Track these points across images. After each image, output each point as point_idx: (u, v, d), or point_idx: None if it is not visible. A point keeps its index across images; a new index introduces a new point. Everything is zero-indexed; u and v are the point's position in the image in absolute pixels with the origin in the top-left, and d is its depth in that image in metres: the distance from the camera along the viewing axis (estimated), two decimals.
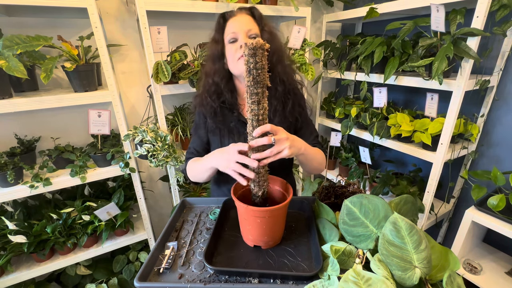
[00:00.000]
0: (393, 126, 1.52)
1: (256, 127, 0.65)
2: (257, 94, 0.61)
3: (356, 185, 0.92)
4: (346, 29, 2.23)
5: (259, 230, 0.67)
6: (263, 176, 0.70)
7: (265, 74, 0.60)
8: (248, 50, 0.58)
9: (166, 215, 2.06)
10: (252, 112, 0.64)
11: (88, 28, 1.45)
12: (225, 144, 0.97)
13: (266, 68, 0.60)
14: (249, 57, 0.58)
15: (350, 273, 0.50)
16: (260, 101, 0.62)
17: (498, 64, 1.33)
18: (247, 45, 0.57)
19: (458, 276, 0.51)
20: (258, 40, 0.57)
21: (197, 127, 1.03)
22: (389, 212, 0.57)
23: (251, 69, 0.59)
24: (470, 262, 1.35)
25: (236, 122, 0.96)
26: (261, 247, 0.70)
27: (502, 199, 1.18)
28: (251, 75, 0.59)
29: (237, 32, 0.87)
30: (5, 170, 1.19)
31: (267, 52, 0.60)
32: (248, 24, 0.89)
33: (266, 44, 0.59)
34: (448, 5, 1.22)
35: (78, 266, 1.54)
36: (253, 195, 0.74)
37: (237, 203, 0.67)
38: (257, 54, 0.57)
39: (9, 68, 1.00)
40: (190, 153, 1.04)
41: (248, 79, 0.60)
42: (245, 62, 0.59)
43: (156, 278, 0.62)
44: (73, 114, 1.54)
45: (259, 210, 0.64)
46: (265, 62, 0.59)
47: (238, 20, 0.89)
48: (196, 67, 1.38)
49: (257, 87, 0.61)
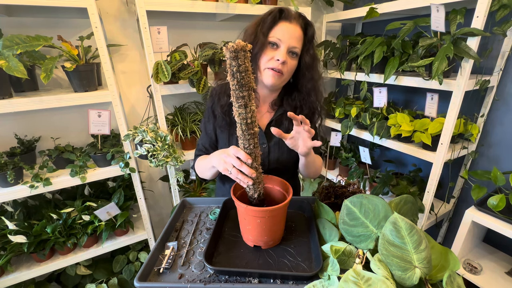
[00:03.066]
0: (393, 126, 1.52)
1: (245, 130, 0.64)
2: (243, 97, 0.59)
3: (356, 185, 0.92)
4: (346, 29, 2.23)
5: (259, 230, 0.67)
6: (257, 178, 0.69)
7: (250, 76, 0.58)
8: (229, 53, 0.55)
9: (166, 215, 2.06)
10: (240, 116, 0.62)
11: (88, 28, 1.45)
12: (232, 143, 0.97)
13: (250, 70, 0.58)
14: (231, 60, 0.55)
15: (350, 273, 0.50)
16: (247, 104, 0.60)
17: (498, 64, 1.33)
18: (228, 48, 0.55)
19: (458, 276, 0.51)
20: (238, 41, 0.55)
21: (205, 122, 1.02)
22: (389, 212, 0.57)
23: (235, 72, 0.56)
24: (470, 262, 1.35)
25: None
26: (261, 247, 0.70)
27: (502, 199, 1.18)
28: (235, 78, 0.57)
29: (282, 41, 0.82)
30: (5, 170, 1.19)
31: (250, 54, 0.57)
32: (297, 40, 0.84)
33: (248, 45, 0.56)
34: (448, 5, 1.22)
35: (78, 266, 1.54)
36: (249, 197, 0.74)
37: (236, 203, 0.67)
38: (239, 56, 0.55)
39: (9, 68, 1.00)
40: (199, 150, 1.04)
41: (232, 83, 0.58)
42: (228, 65, 0.57)
43: (156, 278, 0.62)
44: (73, 114, 1.54)
45: (258, 210, 0.64)
46: (248, 64, 0.57)
47: (290, 29, 0.83)
48: (196, 67, 1.38)
49: (243, 90, 0.59)
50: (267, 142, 0.96)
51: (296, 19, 0.84)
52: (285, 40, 0.82)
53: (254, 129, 0.65)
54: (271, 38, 0.83)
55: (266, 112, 0.99)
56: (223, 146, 0.98)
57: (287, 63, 0.84)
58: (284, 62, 0.83)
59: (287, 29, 0.82)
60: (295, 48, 0.84)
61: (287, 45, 0.82)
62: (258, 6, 1.50)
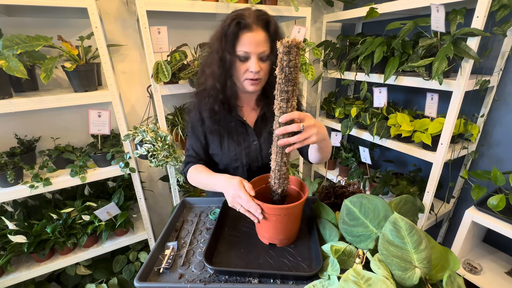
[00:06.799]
0: (393, 126, 1.52)
1: (282, 124, 0.65)
2: (287, 92, 0.62)
3: (356, 185, 0.92)
4: (346, 29, 2.23)
5: (275, 228, 0.67)
6: (284, 174, 0.70)
7: (297, 72, 0.61)
8: (282, 48, 0.58)
9: (166, 215, 2.06)
10: (280, 109, 0.64)
11: (88, 28, 1.45)
12: (224, 146, 0.96)
13: (299, 67, 0.61)
14: (283, 55, 0.58)
15: (350, 273, 0.50)
16: (289, 99, 0.62)
17: (498, 64, 1.33)
18: (282, 43, 0.58)
19: (458, 276, 0.51)
20: (293, 38, 0.58)
21: (193, 126, 0.99)
22: (389, 212, 0.57)
23: (284, 67, 0.59)
24: (470, 262, 1.35)
25: (235, 121, 0.96)
26: (276, 245, 0.71)
27: (502, 199, 1.18)
28: (283, 72, 0.60)
29: (250, 52, 0.82)
30: (5, 170, 1.18)
31: (300, 51, 0.60)
32: (263, 45, 0.82)
33: (301, 43, 0.59)
34: (448, 5, 1.22)
35: (78, 266, 1.54)
36: (273, 191, 0.74)
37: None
38: (292, 52, 0.58)
39: (9, 68, 1.00)
40: (189, 155, 1.00)
41: (280, 77, 0.61)
42: (279, 59, 0.60)
43: (156, 278, 0.62)
44: (73, 114, 1.54)
45: (274, 208, 0.65)
46: (298, 61, 0.59)
47: (253, 38, 0.81)
48: (196, 67, 1.38)
49: (288, 85, 0.61)
50: (257, 139, 0.97)
51: (256, 23, 0.81)
52: (252, 50, 0.82)
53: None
54: (239, 52, 0.82)
55: (252, 110, 1.00)
56: (215, 149, 0.98)
57: (262, 68, 0.85)
58: (259, 70, 0.84)
59: (250, 39, 0.81)
60: (264, 52, 0.83)
61: (256, 54, 0.82)
62: (258, 6, 1.49)
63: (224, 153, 0.97)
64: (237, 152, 0.97)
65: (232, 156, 0.97)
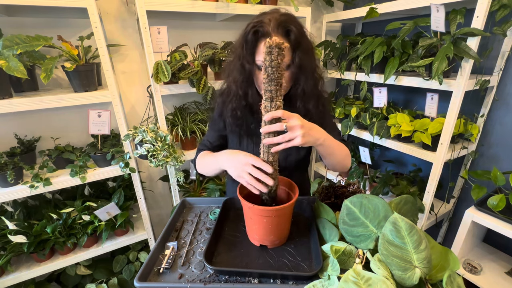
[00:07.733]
0: (393, 126, 1.52)
1: (267, 123, 0.65)
2: (270, 91, 0.62)
3: (356, 185, 0.92)
4: (346, 29, 2.23)
5: (265, 230, 0.67)
6: (271, 174, 0.69)
7: (280, 72, 0.61)
8: (265, 48, 0.59)
9: (166, 215, 2.06)
10: (265, 108, 0.65)
11: (88, 28, 1.45)
12: (243, 145, 0.96)
13: (282, 67, 0.61)
14: (266, 55, 0.60)
15: (350, 273, 0.50)
16: (273, 98, 0.63)
17: (498, 64, 1.33)
18: (264, 43, 0.59)
19: (458, 276, 0.51)
20: (275, 39, 0.58)
21: (214, 122, 1.01)
22: (389, 212, 0.57)
23: (267, 67, 0.60)
24: (470, 262, 1.35)
25: (256, 124, 0.94)
26: (267, 247, 0.70)
27: (502, 199, 1.18)
28: (266, 72, 0.61)
29: None
30: (5, 170, 1.18)
31: (284, 51, 0.60)
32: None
33: (284, 43, 0.59)
34: (448, 5, 1.22)
35: (78, 266, 1.54)
36: (261, 193, 0.73)
37: (243, 202, 0.67)
38: (273, 52, 0.59)
39: (9, 68, 1.00)
40: (203, 145, 1.03)
41: (263, 76, 0.62)
42: (263, 59, 0.61)
43: (156, 278, 0.62)
44: (73, 114, 1.54)
45: (265, 210, 0.64)
46: (280, 61, 0.60)
47: None
48: (196, 67, 1.38)
49: (271, 85, 0.62)
50: None
51: (275, 31, 0.77)
52: None
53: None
54: (258, 62, 0.80)
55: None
56: (234, 147, 0.97)
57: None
58: None
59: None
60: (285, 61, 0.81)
61: None
62: (258, 6, 1.50)
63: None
64: (255, 153, 0.96)
65: None
